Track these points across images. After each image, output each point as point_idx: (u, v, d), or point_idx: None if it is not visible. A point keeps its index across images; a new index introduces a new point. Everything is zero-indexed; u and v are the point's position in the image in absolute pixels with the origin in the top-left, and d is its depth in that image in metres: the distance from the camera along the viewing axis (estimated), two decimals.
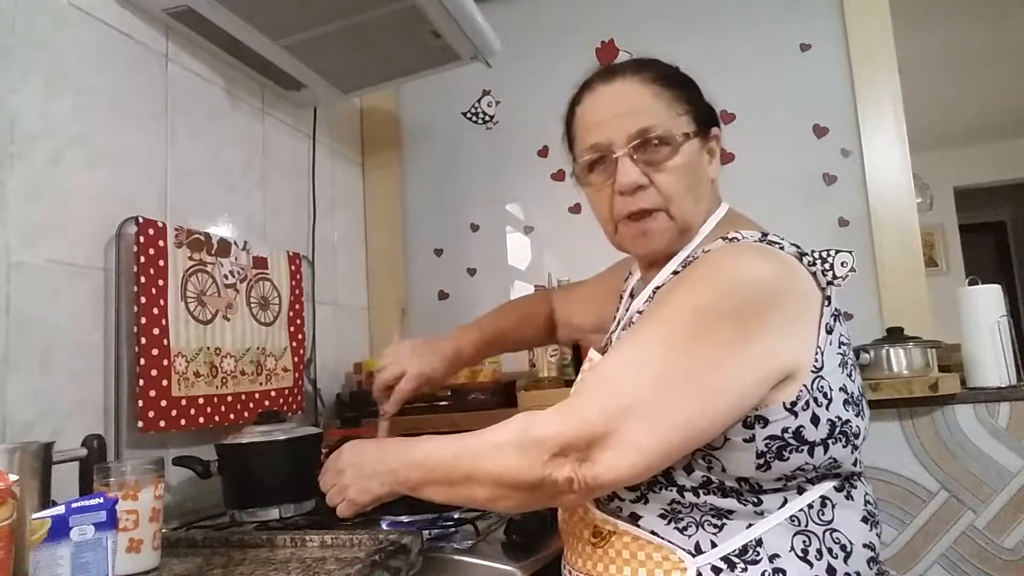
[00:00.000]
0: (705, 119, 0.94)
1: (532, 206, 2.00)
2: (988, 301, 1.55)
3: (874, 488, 0.89)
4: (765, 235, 0.88)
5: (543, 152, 1.97)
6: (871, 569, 0.82)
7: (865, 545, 0.81)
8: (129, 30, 1.29)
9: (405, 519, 1.07)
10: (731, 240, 0.88)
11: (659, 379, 0.75)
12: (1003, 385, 1.52)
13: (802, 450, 0.78)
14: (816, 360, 0.78)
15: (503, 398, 1.68)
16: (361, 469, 0.91)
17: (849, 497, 0.83)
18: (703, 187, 0.93)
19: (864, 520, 0.83)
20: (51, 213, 1.11)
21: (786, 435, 0.77)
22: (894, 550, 1.55)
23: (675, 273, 0.92)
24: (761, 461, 0.77)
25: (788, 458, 0.78)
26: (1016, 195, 5.23)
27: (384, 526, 1.06)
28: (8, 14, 1.07)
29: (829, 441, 0.79)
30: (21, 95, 1.07)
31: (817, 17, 1.80)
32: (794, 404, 0.77)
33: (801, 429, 0.78)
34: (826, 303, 0.82)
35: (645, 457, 0.74)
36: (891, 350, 1.53)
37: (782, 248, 0.84)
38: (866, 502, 0.85)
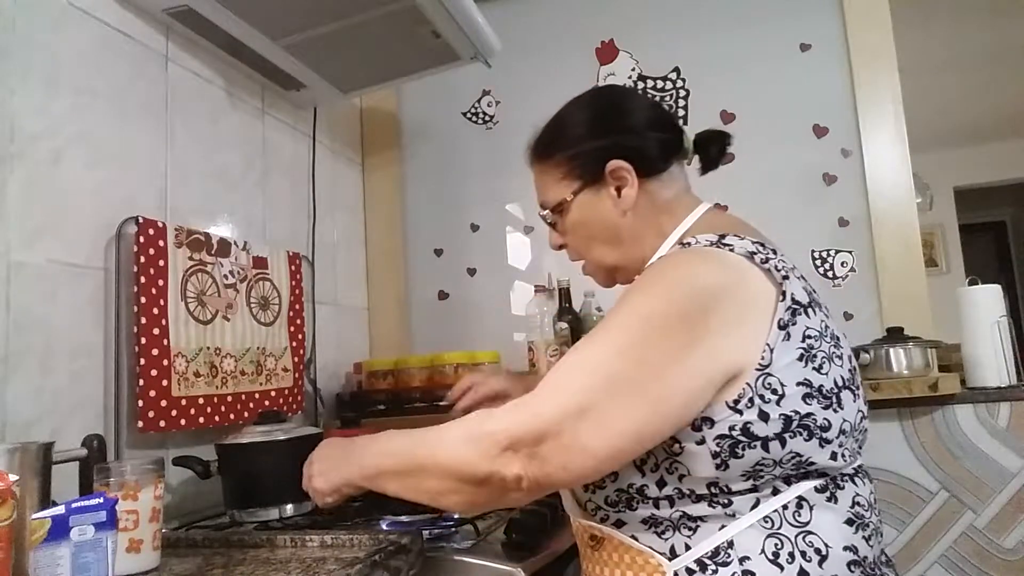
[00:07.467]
0: (593, 163, 0.97)
1: (532, 206, 1.95)
2: (988, 301, 1.55)
3: (874, 488, 0.88)
4: (722, 237, 0.87)
5: None
6: (852, 573, 0.80)
7: (846, 548, 0.80)
8: (129, 30, 1.29)
9: (405, 519, 1.08)
10: (685, 245, 0.89)
11: (612, 384, 0.77)
12: (1003, 385, 1.52)
13: (755, 446, 0.78)
14: (763, 357, 0.79)
15: None
16: (328, 461, 0.94)
17: (832, 498, 0.81)
18: (613, 229, 0.97)
19: (849, 522, 0.81)
20: (51, 213, 1.11)
21: (734, 432, 0.78)
22: (894, 550, 1.55)
23: None
24: (718, 461, 0.78)
25: (743, 455, 0.78)
26: (1016, 195, 5.24)
27: (384, 526, 1.06)
28: (8, 14, 1.07)
29: (786, 436, 0.78)
30: (21, 95, 1.08)
31: (817, 17, 1.80)
32: (737, 402, 0.78)
33: (749, 425, 0.78)
34: (781, 298, 0.81)
35: (595, 461, 0.76)
36: (891, 350, 1.53)
37: (732, 250, 0.84)
38: (855, 503, 0.83)
